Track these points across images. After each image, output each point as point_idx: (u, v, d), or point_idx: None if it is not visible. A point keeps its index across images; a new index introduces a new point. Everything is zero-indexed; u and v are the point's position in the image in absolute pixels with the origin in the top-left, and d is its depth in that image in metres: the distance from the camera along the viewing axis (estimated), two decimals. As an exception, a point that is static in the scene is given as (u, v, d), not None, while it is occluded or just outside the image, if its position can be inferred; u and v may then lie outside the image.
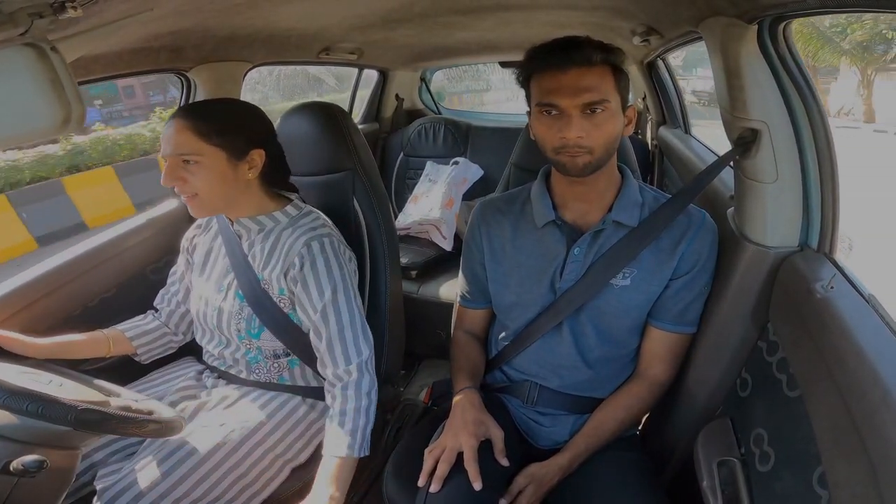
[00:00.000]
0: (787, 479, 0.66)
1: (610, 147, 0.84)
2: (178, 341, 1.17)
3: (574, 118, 0.80)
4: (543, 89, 0.82)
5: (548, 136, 0.84)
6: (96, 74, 1.08)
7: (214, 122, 0.92)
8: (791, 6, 0.68)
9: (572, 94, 0.79)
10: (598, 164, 0.84)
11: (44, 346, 0.96)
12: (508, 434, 0.89)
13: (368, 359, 0.97)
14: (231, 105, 1.01)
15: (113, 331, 1.09)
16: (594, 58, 0.79)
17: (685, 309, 0.90)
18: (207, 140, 0.91)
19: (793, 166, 0.81)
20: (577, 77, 0.79)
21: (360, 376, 0.95)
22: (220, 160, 0.92)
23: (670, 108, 2.01)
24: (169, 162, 0.92)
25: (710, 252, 0.90)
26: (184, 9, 0.92)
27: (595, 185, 0.90)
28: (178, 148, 0.90)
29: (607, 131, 0.82)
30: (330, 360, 0.96)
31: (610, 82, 0.81)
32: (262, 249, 1.03)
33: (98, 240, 1.23)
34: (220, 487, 0.90)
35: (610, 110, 0.81)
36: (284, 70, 6.83)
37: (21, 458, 0.66)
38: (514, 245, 0.97)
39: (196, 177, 0.91)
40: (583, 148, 0.81)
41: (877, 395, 0.54)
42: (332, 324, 0.96)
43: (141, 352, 1.11)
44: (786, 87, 0.81)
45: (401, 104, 2.66)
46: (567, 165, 0.84)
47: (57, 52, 0.57)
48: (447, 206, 2.10)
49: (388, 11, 1.25)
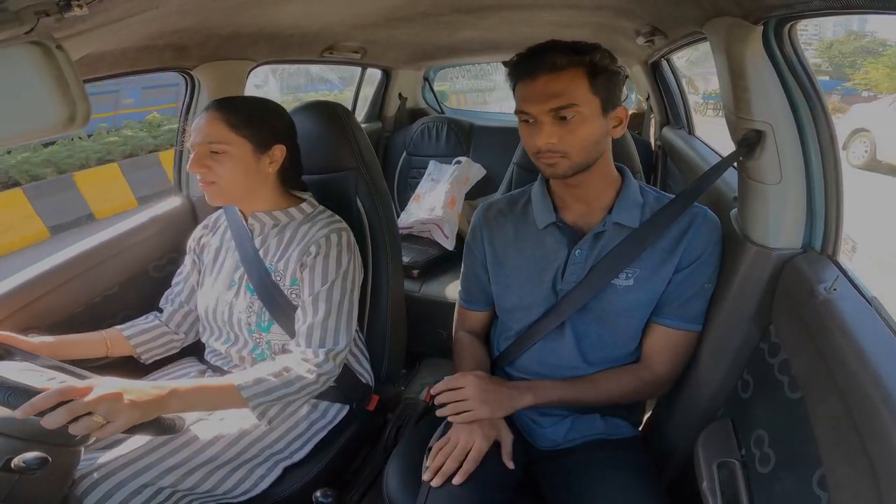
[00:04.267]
0: (787, 481, 0.66)
1: (588, 150, 0.84)
2: (179, 341, 1.17)
3: (545, 125, 0.81)
4: (519, 97, 0.84)
5: (528, 143, 0.86)
6: (101, 73, 1.08)
7: (244, 114, 0.97)
8: (796, 7, 0.68)
9: (540, 100, 0.80)
10: (578, 167, 0.84)
11: (39, 345, 0.94)
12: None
13: (342, 350, 0.98)
14: (259, 101, 1.04)
15: (111, 331, 1.09)
16: (559, 62, 0.79)
17: (685, 304, 0.90)
18: (237, 131, 0.95)
19: (797, 168, 0.81)
20: (545, 83, 0.79)
21: (324, 361, 0.96)
22: (245, 151, 0.97)
23: (674, 108, 2.00)
24: (197, 151, 0.96)
25: (713, 247, 0.89)
26: (188, 7, 0.92)
27: (590, 186, 0.91)
28: (208, 137, 0.95)
29: (581, 136, 0.81)
30: (305, 341, 0.97)
31: (582, 86, 0.80)
32: (279, 242, 1.04)
33: (100, 237, 1.23)
34: (209, 481, 0.90)
35: (582, 115, 0.80)
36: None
37: (22, 455, 0.67)
38: (516, 247, 0.98)
39: (222, 165, 0.95)
40: (556, 153, 0.82)
41: (878, 397, 0.53)
42: (320, 311, 0.98)
43: (140, 351, 1.11)
44: (791, 88, 0.80)
45: (404, 103, 2.66)
46: (546, 170, 0.86)
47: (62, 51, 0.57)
48: (449, 206, 2.10)
49: (391, 10, 1.25)
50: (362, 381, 1.15)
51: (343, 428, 1.10)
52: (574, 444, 0.95)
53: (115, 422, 0.71)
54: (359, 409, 1.14)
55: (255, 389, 0.88)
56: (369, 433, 1.20)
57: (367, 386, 1.17)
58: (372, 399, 1.17)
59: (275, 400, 0.90)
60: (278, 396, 0.90)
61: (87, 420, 0.68)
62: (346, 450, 1.10)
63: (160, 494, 0.85)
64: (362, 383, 1.15)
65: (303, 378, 0.93)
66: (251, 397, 0.87)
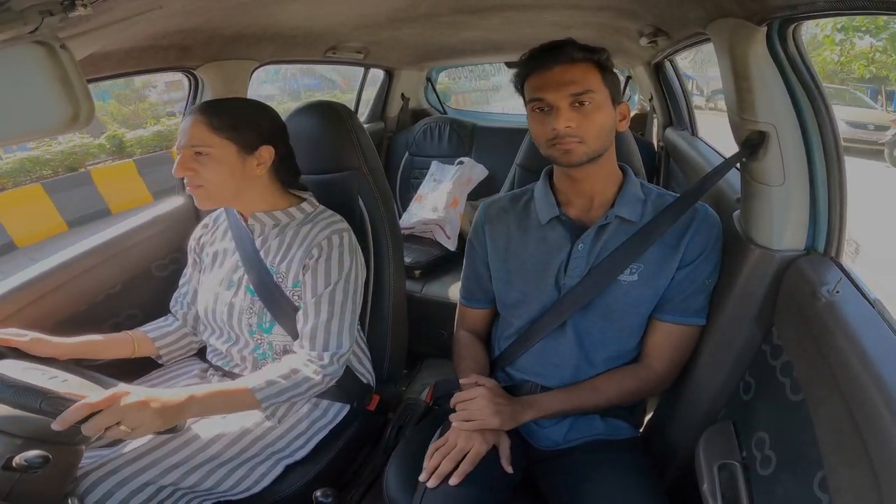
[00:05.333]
0: (787, 483, 0.65)
1: (602, 137, 0.87)
2: (197, 342, 1.18)
3: (563, 110, 0.84)
4: (533, 87, 0.87)
5: (540, 131, 0.88)
6: (106, 72, 1.09)
7: (227, 116, 0.96)
8: (801, 8, 0.67)
9: (558, 87, 0.84)
10: (592, 153, 0.87)
11: (68, 345, 0.96)
12: (509, 435, 0.89)
13: (345, 353, 1.00)
14: (244, 103, 1.04)
15: (137, 331, 1.11)
16: (576, 55, 0.85)
17: (687, 299, 0.90)
18: (219, 133, 0.95)
19: (800, 169, 0.81)
20: (562, 73, 0.84)
21: (329, 363, 0.98)
22: (229, 153, 0.96)
23: (677, 109, 2.00)
24: (182, 153, 0.96)
25: (714, 243, 0.90)
26: (191, 7, 0.92)
27: (594, 181, 0.92)
28: (192, 139, 0.94)
29: (597, 121, 0.85)
30: (309, 343, 0.99)
31: (595, 77, 0.85)
32: (280, 242, 1.04)
33: (104, 237, 1.24)
34: (211, 479, 0.90)
35: (597, 101, 0.85)
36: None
37: (24, 454, 0.67)
38: (519, 242, 0.98)
39: (206, 168, 0.95)
40: (574, 137, 0.85)
41: (880, 400, 0.53)
42: (323, 313, 0.99)
43: (163, 353, 1.12)
44: (794, 89, 0.80)
45: (406, 103, 2.66)
46: (561, 157, 0.87)
47: (66, 50, 0.57)
48: (451, 206, 2.10)
49: (394, 11, 1.25)
50: (363, 380, 1.16)
51: (344, 427, 1.11)
52: (574, 444, 0.95)
53: (140, 428, 0.74)
54: (360, 409, 1.14)
55: (268, 391, 0.91)
56: (370, 433, 1.21)
57: (368, 386, 1.17)
58: (373, 399, 1.17)
59: (285, 400, 0.94)
60: (288, 397, 0.94)
61: (115, 429, 0.72)
62: (347, 449, 1.10)
63: (162, 492, 0.86)
64: (363, 383, 1.15)
65: (310, 379, 0.95)
66: (264, 399, 0.90)
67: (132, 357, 1.08)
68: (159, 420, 0.76)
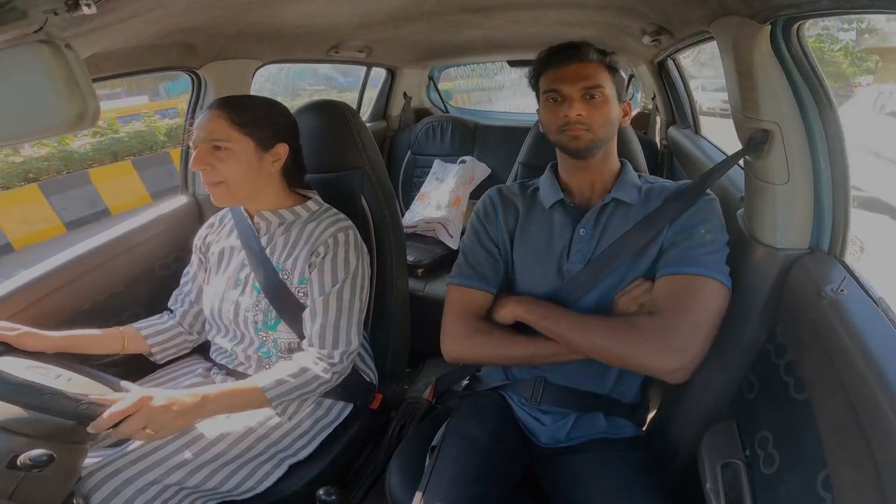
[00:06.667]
0: (791, 482, 0.65)
1: (609, 128, 0.94)
2: (192, 341, 1.17)
3: (576, 101, 0.92)
4: (549, 80, 0.95)
5: (552, 119, 0.95)
6: (109, 72, 1.09)
7: (247, 113, 0.97)
8: (805, 6, 0.67)
9: (574, 81, 0.92)
10: (599, 142, 0.93)
11: (57, 339, 0.96)
12: (511, 433, 0.89)
13: (354, 351, 1.01)
14: (262, 100, 1.05)
15: (129, 328, 1.10)
16: (591, 56, 0.93)
17: (681, 253, 0.86)
18: (239, 128, 0.96)
19: (805, 168, 0.81)
20: (578, 69, 0.92)
21: (339, 361, 0.99)
22: (248, 148, 0.97)
23: (680, 108, 1.99)
24: (200, 148, 0.96)
25: (706, 214, 0.89)
26: (195, 6, 0.93)
27: (597, 169, 0.98)
28: (211, 134, 0.95)
29: (604, 113, 0.93)
30: (318, 342, 0.99)
31: (605, 75, 0.94)
32: (286, 240, 1.05)
33: (107, 236, 1.24)
34: (215, 478, 0.91)
35: (605, 96, 0.92)
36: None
37: (28, 453, 0.67)
38: (526, 227, 1.00)
39: (224, 163, 0.96)
40: (583, 125, 0.91)
41: (884, 399, 0.53)
42: (331, 311, 0.99)
43: (155, 350, 1.12)
44: (799, 88, 0.80)
45: (409, 102, 2.66)
46: (569, 142, 0.93)
47: (71, 49, 0.57)
48: (454, 205, 2.10)
49: (396, 9, 1.25)
50: (366, 379, 1.16)
51: (347, 426, 1.11)
52: (576, 442, 0.95)
53: (163, 430, 0.77)
54: (362, 408, 1.15)
55: (279, 390, 0.91)
56: (372, 431, 1.21)
57: (370, 384, 1.17)
58: (375, 397, 1.17)
59: (294, 398, 0.95)
60: (299, 395, 0.95)
61: (141, 434, 0.75)
62: (350, 448, 1.11)
63: (166, 492, 0.86)
64: (366, 382, 1.16)
65: (320, 377, 0.96)
66: (274, 398, 0.91)
67: (121, 353, 1.08)
68: (181, 422, 0.78)
